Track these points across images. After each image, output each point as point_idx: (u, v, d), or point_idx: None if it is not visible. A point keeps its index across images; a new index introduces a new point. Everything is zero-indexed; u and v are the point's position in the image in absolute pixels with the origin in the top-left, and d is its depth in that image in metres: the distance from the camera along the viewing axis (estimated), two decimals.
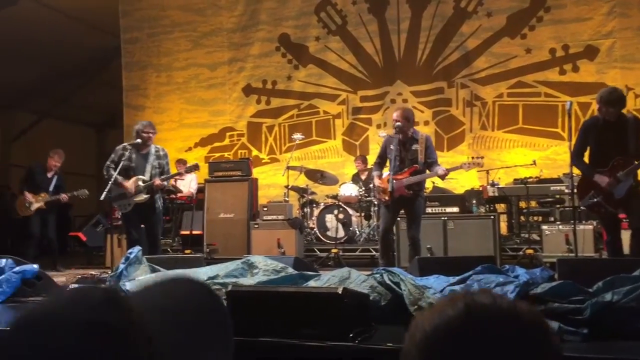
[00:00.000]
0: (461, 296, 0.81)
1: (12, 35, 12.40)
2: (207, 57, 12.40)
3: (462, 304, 0.78)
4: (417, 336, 0.78)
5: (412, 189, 5.90)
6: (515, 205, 8.85)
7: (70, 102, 15.94)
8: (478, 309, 0.78)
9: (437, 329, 0.77)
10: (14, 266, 4.58)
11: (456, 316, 0.77)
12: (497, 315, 0.77)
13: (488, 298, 0.79)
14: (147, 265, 4.46)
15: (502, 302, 0.79)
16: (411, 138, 6.00)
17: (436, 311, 0.80)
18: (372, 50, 11.39)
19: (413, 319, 0.83)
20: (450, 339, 0.76)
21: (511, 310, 0.78)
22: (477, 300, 0.79)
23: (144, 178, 6.51)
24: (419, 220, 6.06)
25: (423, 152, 5.91)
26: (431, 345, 0.77)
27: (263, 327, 2.97)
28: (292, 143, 10.61)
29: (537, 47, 10.37)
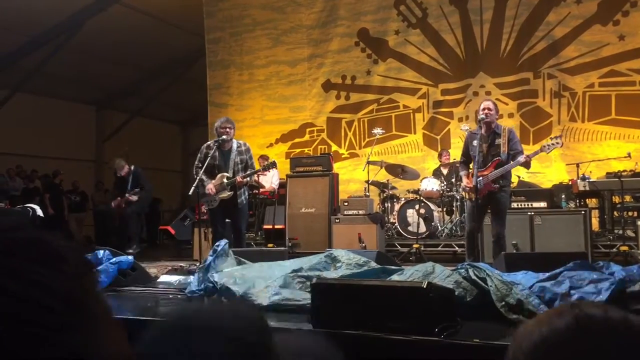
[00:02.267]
0: (569, 307, 0.78)
1: (103, 40, 13.10)
2: (287, 54, 12.58)
3: (571, 315, 0.76)
4: (524, 346, 0.77)
5: (497, 182, 5.77)
6: (608, 200, 8.42)
7: (157, 101, 16.65)
8: (588, 321, 0.75)
9: (546, 340, 0.75)
10: (110, 257, 4.84)
11: (565, 328, 0.75)
12: (608, 328, 0.74)
13: (598, 310, 0.77)
14: (233, 258, 4.60)
15: (613, 314, 0.76)
16: (493, 132, 5.91)
17: (544, 322, 0.78)
18: (454, 42, 11.16)
19: (518, 327, 0.81)
20: (559, 352, 0.74)
21: (623, 322, 0.75)
22: (587, 312, 0.76)
23: (227, 175, 6.68)
24: (503, 215, 5.94)
25: (506, 145, 5.80)
26: (540, 354, 0.75)
27: (347, 320, 2.99)
28: (371, 138, 10.58)
29: (631, 33, 9.80)
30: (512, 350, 0.79)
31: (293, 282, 3.93)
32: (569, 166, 9.38)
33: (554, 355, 0.74)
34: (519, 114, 10.52)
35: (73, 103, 15.55)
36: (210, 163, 6.65)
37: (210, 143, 6.82)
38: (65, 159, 14.77)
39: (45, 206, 11.09)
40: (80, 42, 13.11)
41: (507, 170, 5.83)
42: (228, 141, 6.74)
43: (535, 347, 0.76)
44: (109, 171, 16.14)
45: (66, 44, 13.25)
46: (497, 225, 5.87)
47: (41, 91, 14.49)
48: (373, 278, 3.79)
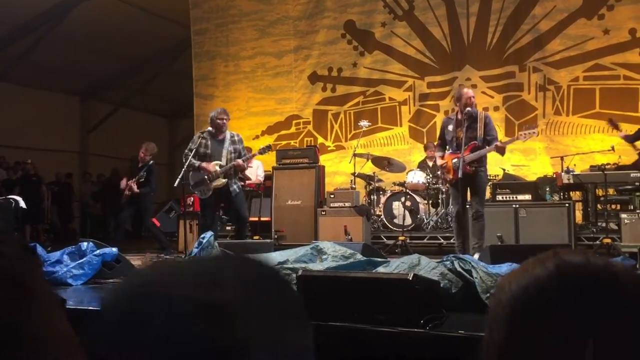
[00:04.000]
0: (551, 255, 0.75)
1: (88, 29, 12.94)
2: (273, 46, 12.52)
3: (552, 263, 0.73)
4: (504, 298, 0.74)
5: (473, 165, 6.01)
6: (592, 192, 8.51)
7: (143, 93, 16.51)
8: (570, 268, 0.72)
9: (526, 290, 0.72)
10: (95, 249, 4.80)
11: (546, 276, 0.72)
12: (591, 275, 0.72)
13: (580, 257, 0.74)
14: (219, 250, 4.58)
15: (596, 261, 0.73)
16: (470, 116, 6.07)
17: (524, 271, 0.75)
18: (440, 34, 11.17)
19: (499, 280, 0.78)
20: (540, 300, 0.71)
21: (607, 269, 0.72)
22: (568, 260, 0.74)
23: (220, 163, 6.73)
24: (482, 194, 6.21)
25: (482, 129, 6.02)
26: (520, 307, 0.72)
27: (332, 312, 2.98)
28: (357, 130, 10.58)
29: (616, 27, 9.87)
30: (492, 305, 0.76)
31: None
32: (553, 159, 9.46)
33: (535, 305, 0.72)
34: (505, 107, 10.57)
35: (57, 93, 15.37)
36: (202, 152, 6.71)
37: (203, 132, 6.85)
38: (49, 150, 14.62)
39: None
40: (64, 32, 12.95)
41: (483, 155, 6.04)
42: (222, 132, 6.82)
43: (515, 299, 0.73)
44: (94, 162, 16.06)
45: (50, 34, 13.09)
46: (476, 204, 6.12)
47: (24, 81, 14.30)
48: (359, 270, 3.79)
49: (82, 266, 4.60)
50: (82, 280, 4.59)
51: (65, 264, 4.67)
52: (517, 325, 0.72)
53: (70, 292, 4.33)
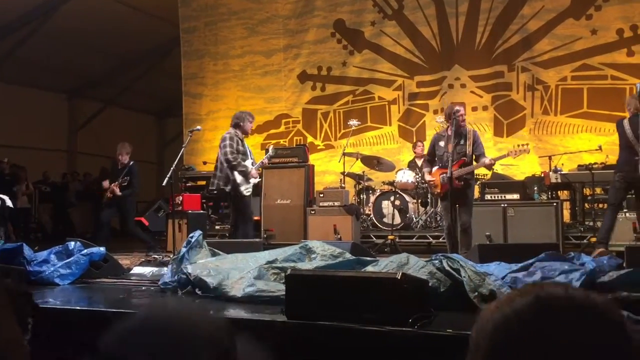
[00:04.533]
0: (531, 287, 0.78)
1: (76, 26, 12.85)
2: (262, 45, 12.49)
3: (533, 295, 0.76)
4: (486, 327, 0.76)
5: (462, 180, 6.18)
6: (580, 192, 8.56)
7: (132, 91, 16.42)
8: (549, 300, 0.75)
9: (507, 320, 0.75)
10: (82, 249, 4.77)
11: (527, 307, 0.74)
12: (570, 306, 0.74)
13: (560, 289, 0.77)
14: (207, 249, 4.56)
15: (574, 293, 0.76)
16: (459, 133, 6.27)
17: (506, 302, 0.77)
18: (429, 34, 11.19)
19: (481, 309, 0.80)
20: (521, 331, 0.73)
21: (584, 300, 0.75)
22: (548, 291, 0.76)
23: (253, 161, 7.08)
24: (470, 207, 6.37)
25: (471, 146, 6.24)
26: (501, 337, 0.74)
27: (321, 311, 2.98)
28: (347, 129, 10.58)
29: (604, 27, 9.94)
30: (474, 333, 0.78)
31: (267, 274, 3.92)
32: (541, 158, 9.50)
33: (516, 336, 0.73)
34: (493, 107, 10.61)
35: (44, 91, 15.24)
36: (242, 151, 6.93)
37: (237, 132, 7.00)
38: (36, 149, 14.50)
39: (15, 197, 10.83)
40: (52, 29, 12.85)
41: (471, 171, 6.31)
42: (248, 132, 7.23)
43: (497, 329, 0.75)
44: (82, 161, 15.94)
45: (38, 31, 12.97)
46: (465, 215, 6.26)
47: (11, 79, 14.17)
48: (348, 269, 3.79)
49: (70, 266, 4.57)
50: (69, 279, 4.56)
51: (53, 263, 4.63)
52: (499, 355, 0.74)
53: (58, 292, 4.30)
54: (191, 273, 4.08)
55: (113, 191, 8.08)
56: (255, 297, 3.66)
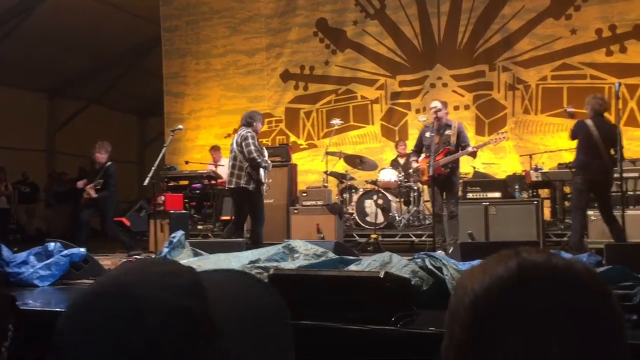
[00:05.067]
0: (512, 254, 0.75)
1: (56, 25, 12.68)
2: (245, 44, 12.45)
3: (514, 263, 0.73)
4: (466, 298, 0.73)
5: (447, 167, 6.63)
6: (560, 190, 8.65)
7: (113, 90, 16.25)
8: (532, 268, 0.72)
9: (488, 289, 0.72)
10: (62, 250, 4.71)
11: (508, 276, 0.72)
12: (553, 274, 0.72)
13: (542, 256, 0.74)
14: (189, 249, 4.54)
15: (557, 261, 0.73)
16: (445, 125, 6.78)
17: (486, 271, 0.74)
18: (412, 33, 11.24)
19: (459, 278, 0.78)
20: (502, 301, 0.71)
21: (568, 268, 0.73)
22: (530, 259, 0.73)
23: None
24: (456, 196, 6.83)
25: (456, 137, 6.69)
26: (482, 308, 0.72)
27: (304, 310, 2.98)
28: (329, 129, 10.59)
29: (583, 27, 10.05)
30: (453, 300, 0.75)
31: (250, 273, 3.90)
32: (522, 157, 9.59)
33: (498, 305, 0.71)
34: (475, 106, 10.69)
35: (23, 90, 15.02)
36: (261, 148, 7.03)
37: (252, 133, 7.00)
38: (15, 149, 14.30)
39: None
40: (31, 28, 12.67)
41: (456, 158, 6.69)
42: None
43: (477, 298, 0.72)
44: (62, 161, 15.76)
45: (17, 29, 12.79)
46: (451, 204, 6.72)
47: None
48: (331, 268, 3.79)
49: (49, 267, 4.51)
50: (49, 281, 4.50)
51: (32, 264, 4.57)
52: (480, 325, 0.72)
53: (37, 294, 4.24)
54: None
55: (89, 193, 7.99)
56: None
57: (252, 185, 6.80)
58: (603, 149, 6.17)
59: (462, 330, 0.73)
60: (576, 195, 6.42)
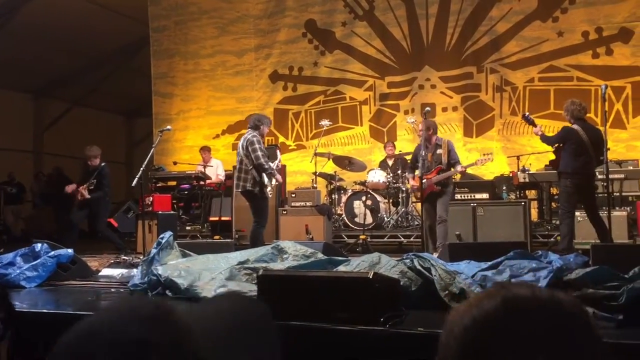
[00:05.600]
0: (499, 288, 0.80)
1: (44, 25, 12.59)
2: (233, 44, 12.42)
3: (500, 296, 0.78)
4: (456, 330, 0.78)
5: (439, 185, 6.95)
6: (547, 191, 8.72)
7: (100, 91, 16.14)
8: (516, 301, 0.77)
9: (475, 322, 0.76)
10: (49, 251, 4.68)
11: (494, 309, 0.76)
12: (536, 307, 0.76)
13: (526, 289, 0.79)
14: (178, 250, 4.52)
15: (540, 293, 0.78)
16: (435, 144, 7.09)
17: (474, 304, 0.79)
18: (400, 35, 11.27)
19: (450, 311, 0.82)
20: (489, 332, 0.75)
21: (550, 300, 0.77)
22: (514, 292, 0.78)
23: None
24: (445, 203, 7.06)
25: (446, 155, 6.98)
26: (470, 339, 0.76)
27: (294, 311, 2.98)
28: (318, 130, 10.60)
29: (570, 30, 10.14)
30: (444, 335, 0.80)
31: (239, 274, 3.90)
32: (509, 158, 9.65)
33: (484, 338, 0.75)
34: (463, 107, 10.74)
35: (9, 91, 14.89)
36: (266, 152, 7.02)
37: (258, 137, 7.00)
38: (1, 149, 14.17)
39: None
40: (17, 28, 12.56)
41: (447, 177, 7.00)
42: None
43: (465, 331, 0.76)
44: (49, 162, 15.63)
45: (2, 29, 12.67)
46: (441, 212, 6.99)
47: None
48: (320, 269, 3.80)
49: (36, 268, 4.48)
50: (36, 282, 4.47)
51: (19, 265, 4.54)
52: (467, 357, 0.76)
53: (24, 295, 4.21)
54: (161, 274, 4.04)
55: (82, 194, 7.95)
56: None
57: (257, 189, 6.84)
58: (592, 152, 6.24)
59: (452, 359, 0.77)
60: (565, 199, 6.46)
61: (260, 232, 6.89)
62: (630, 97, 9.66)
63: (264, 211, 6.98)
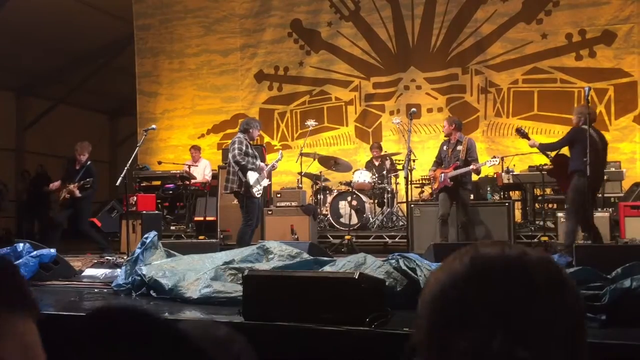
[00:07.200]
0: (469, 249, 0.78)
1: (25, 21, 12.44)
2: (219, 44, 12.37)
3: (468, 257, 0.76)
4: (427, 294, 0.77)
5: (453, 180, 7.05)
6: (530, 192, 8.79)
7: (83, 89, 15.99)
8: (483, 261, 0.75)
9: (444, 285, 0.75)
10: (31, 250, 4.63)
11: (461, 271, 0.75)
12: (503, 266, 0.74)
13: (495, 249, 0.76)
14: (163, 250, 4.49)
15: (509, 252, 0.75)
16: (457, 141, 7.23)
17: (444, 267, 0.78)
18: (386, 36, 11.30)
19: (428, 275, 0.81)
20: (454, 295, 0.73)
21: (519, 259, 0.74)
22: (482, 252, 0.76)
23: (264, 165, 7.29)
24: (466, 208, 7.13)
25: (464, 152, 7.11)
26: (439, 302, 0.75)
27: (279, 311, 2.97)
28: (304, 130, 10.59)
29: (553, 32, 10.23)
30: (419, 303, 0.78)
31: (224, 274, 3.88)
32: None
33: (453, 300, 0.74)
34: (448, 109, 10.78)
35: None
36: (251, 153, 7.06)
37: (242, 136, 7.09)
38: None
39: None
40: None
41: (461, 173, 7.04)
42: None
43: (434, 295, 0.75)
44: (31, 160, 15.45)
45: None
46: (462, 215, 7.08)
47: None
48: (305, 269, 3.79)
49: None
50: None
51: None
52: (435, 322, 0.75)
53: None
54: (146, 274, 4.01)
55: (71, 192, 7.84)
56: (211, 299, 3.63)
57: (242, 189, 6.91)
58: (602, 154, 6.33)
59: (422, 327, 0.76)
60: (578, 198, 6.35)
61: (246, 232, 6.90)
62: (613, 100, 9.77)
63: (250, 211, 6.99)
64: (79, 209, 8.00)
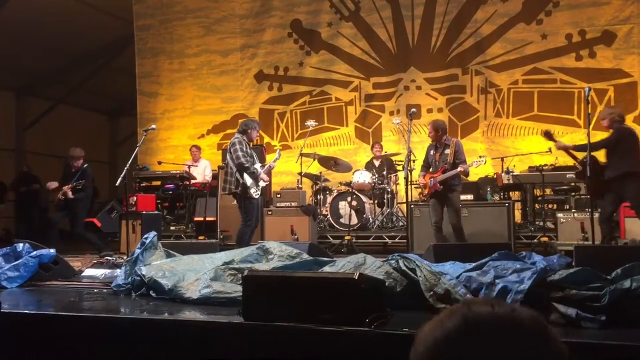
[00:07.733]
0: (460, 307, 0.82)
1: (26, 22, 12.44)
2: (219, 44, 12.37)
3: (460, 316, 0.80)
4: (419, 349, 0.80)
5: (443, 184, 6.88)
6: (530, 192, 8.78)
7: (83, 89, 15.99)
8: (475, 319, 0.79)
9: (437, 341, 0.79)
10: (31, 250, 4.63)
11: (454, 328, 0.78)
12: (495, 325, 0.78)
13: (486, 307, 0.80)
14: (162, 251, 4.49)
15: (500, 311, 0.80)
16: (444, 144, 7.05)
17: (437, 323, 0.81)
18: (386, 36, 11.30)
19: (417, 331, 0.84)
20: (449, 353, 0.77)
21: (509, 318, 0.79)
22: (474, 311, 0.80)
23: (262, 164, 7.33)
24: (457, 210, 6.94)
25: (452, 155, 6.95)
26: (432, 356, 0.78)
27: (279, 312, 2.97)
28: (304, 130, 10.59)
29: (553, 32, 10.23)
30: (412, 353, 0.82)
31: (224, 275, 3.88)
32: (494, 160, 9.71)
33: (446, 355, 0.77)
34: (448, 109, 10.78)
35: None
36: (250, 153, 7.06)
37: (242, 137, 7.09)
38: None
39: None
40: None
41: (449, 176, 6.87)
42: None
43: (428, 349, 0.79)
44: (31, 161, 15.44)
45: None
46: (453, 218, 6.91)
47: None
48: (305, 270, 3.79)
49: (18, 268, 4.43)
50: (17, 282, 4.42)
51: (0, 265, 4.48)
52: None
53: (5, 296, 4.15)
54: (145, 275, 4.01)
55: (65, 194, 7.85)
56: (211, 299, 3.62)
57: (240, 189, 6.92)
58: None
59: None
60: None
61: (245, 232, 6.91)
62: (613, 100, 9.77)
63: (249, 212, 7.00)
64: (74, 213, 7.97)
